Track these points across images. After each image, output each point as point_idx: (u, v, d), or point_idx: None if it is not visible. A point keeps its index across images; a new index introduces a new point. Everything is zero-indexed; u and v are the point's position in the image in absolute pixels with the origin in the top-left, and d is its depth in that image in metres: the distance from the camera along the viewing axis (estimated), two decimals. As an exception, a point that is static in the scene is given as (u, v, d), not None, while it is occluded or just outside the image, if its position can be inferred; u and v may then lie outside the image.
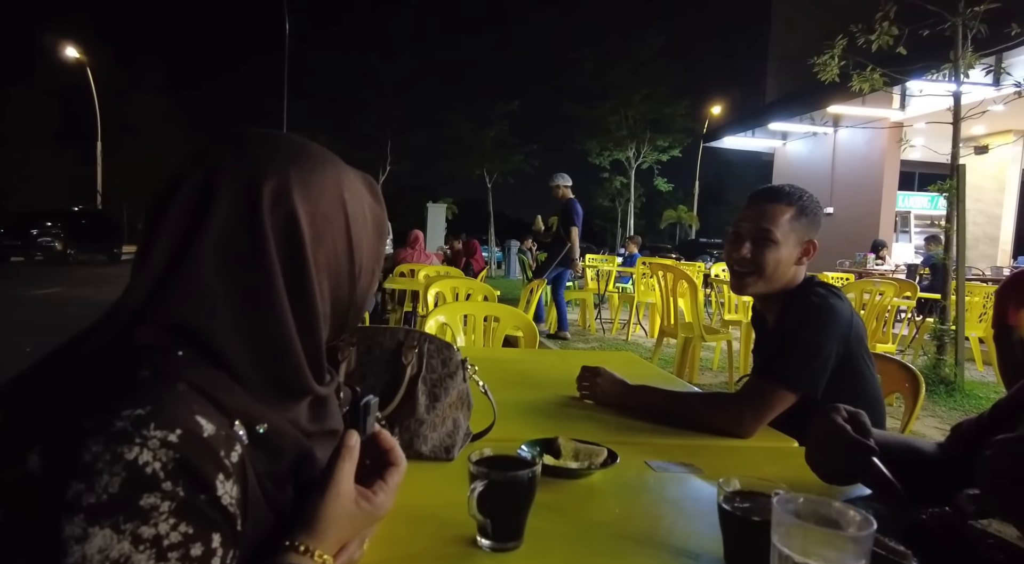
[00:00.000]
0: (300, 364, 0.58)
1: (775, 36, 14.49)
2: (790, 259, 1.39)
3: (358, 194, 0.63)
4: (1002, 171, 10.90)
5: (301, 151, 0.60)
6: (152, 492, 0.47)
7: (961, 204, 4.80)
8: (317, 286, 0.58)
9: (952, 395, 4.55)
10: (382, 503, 0.62)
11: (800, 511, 0.57)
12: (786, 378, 1.26)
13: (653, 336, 6.35)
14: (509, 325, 2.59)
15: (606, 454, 1.00)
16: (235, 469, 0.52)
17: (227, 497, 0.51)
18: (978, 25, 4.60)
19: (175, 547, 0.47)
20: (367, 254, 0.63)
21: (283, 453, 0.59)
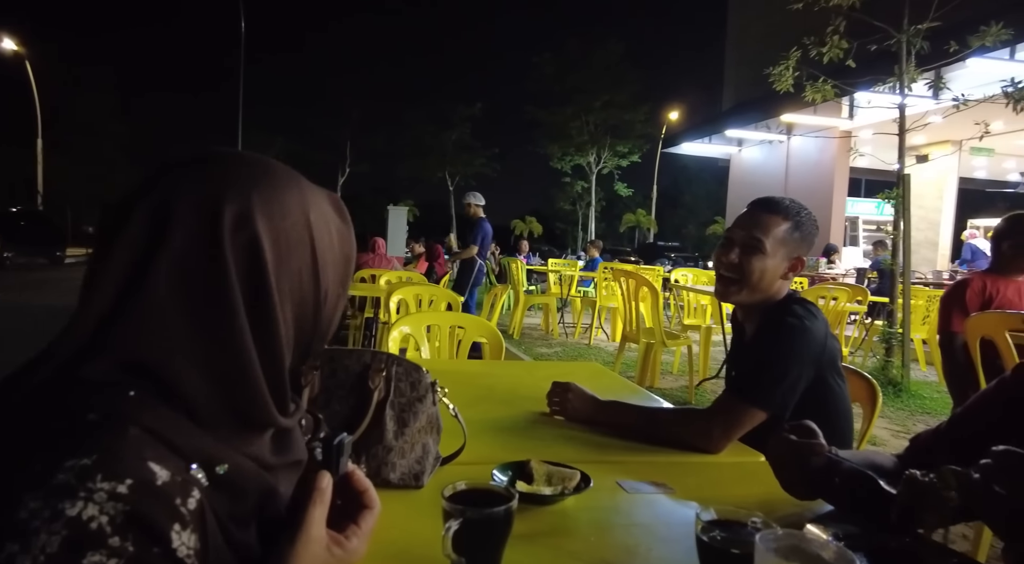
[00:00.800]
0: (263, 396, 0.55)
1: (731, 46, 14.88)
2: (776, 272, 1.40)
3: (324, 215, 0.59)
4: (942, 179, 11.44)
5: (264, 172, 0.57)
6: (97, 550, 0.43)
7: (906, 211, 5.01)
8: (280, 313, 0.54)
9: (899, 396, 4.73)
10: (355, 549, 0.59)
11: (780, 547, 0.57)
12: (756, 397, 1.27)
13: (615, 340, 6.41)
14: (474, 334, 2.56)
15: (579, 477, 0.99)
16: (192, 517, 0.49)
17: (184, 549, 0.48)
18: (921, 42, 4.82)
19: None
20: (333, 278, 0.60)
21: (246, 493, 0.55)
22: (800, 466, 0.88)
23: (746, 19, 13.66)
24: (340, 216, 0.63)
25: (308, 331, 0.59)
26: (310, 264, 0.57)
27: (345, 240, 0.62)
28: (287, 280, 0.55)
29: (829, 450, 0.88)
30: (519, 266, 7.70)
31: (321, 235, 0.58)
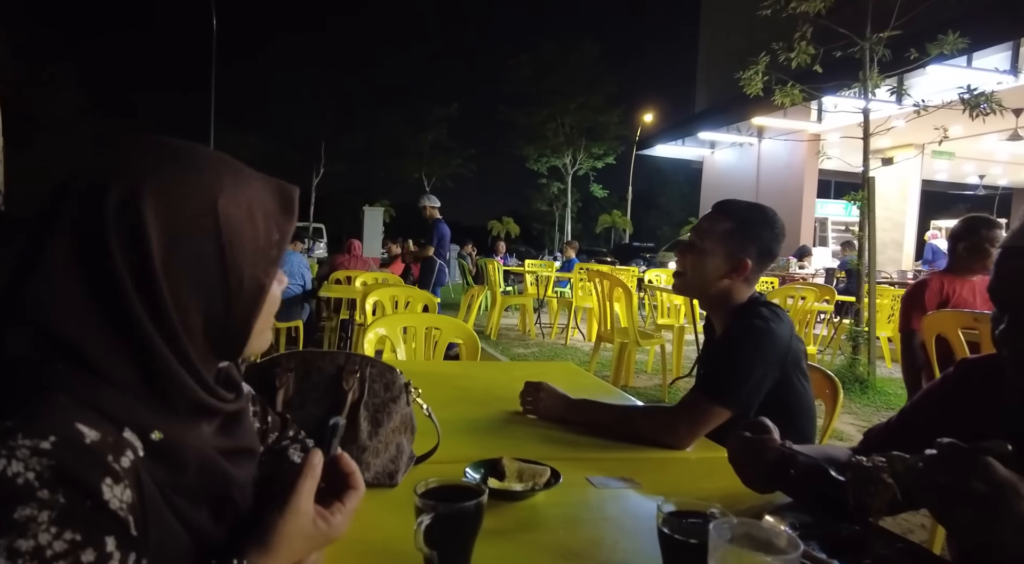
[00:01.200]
0: (177, 375, 0.55)
1: (703, 49, 15.12)
2: (715, 270, 1.44)
3: (247, 202, 0.59)
4: (905, 182, 11.79)
5: (167, 158, 0.57)
6: (27, 504, 0.45)
7: (871, 213, 5.16)
8: (170, 297, 0.54)
9: (866, 392, 4.87)
10: (339, 525, 0.63)
11: (734, 535, 0.61)
12: (721, 396, 1.32)
13: (591, 340, 6.48)
14: (450, 336, 2.58)
15: (549, 473, 1.02)
16: (126, 474, 0.50)
17: (116, 501, 0.49)
18: (882, 49, 4.98)
19: (61, 556, 0.45)
20: (251, 264, 0.59)
21: (185, 464, 0.56)
22: (756, 461, 0.93)
23: (717, 23, 13.89)
24: (283, 206, 0.62)
25: (220, 318, 0.58)
26: (214, 250, 0.56)
27: (280, 229, 0.62)
28: (181, 263, 0.55)
29: (783, 444, 0.92)
30: (496, 267, 7.72)
31: (234, 221, 0.57)
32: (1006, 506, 0.63)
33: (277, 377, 1.05)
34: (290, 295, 5.16)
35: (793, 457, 0.89)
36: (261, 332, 0.63)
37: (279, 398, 1.04)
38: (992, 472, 0.64)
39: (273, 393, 1.04)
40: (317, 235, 23.61)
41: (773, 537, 0.60)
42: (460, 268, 10.32)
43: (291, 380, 1.05)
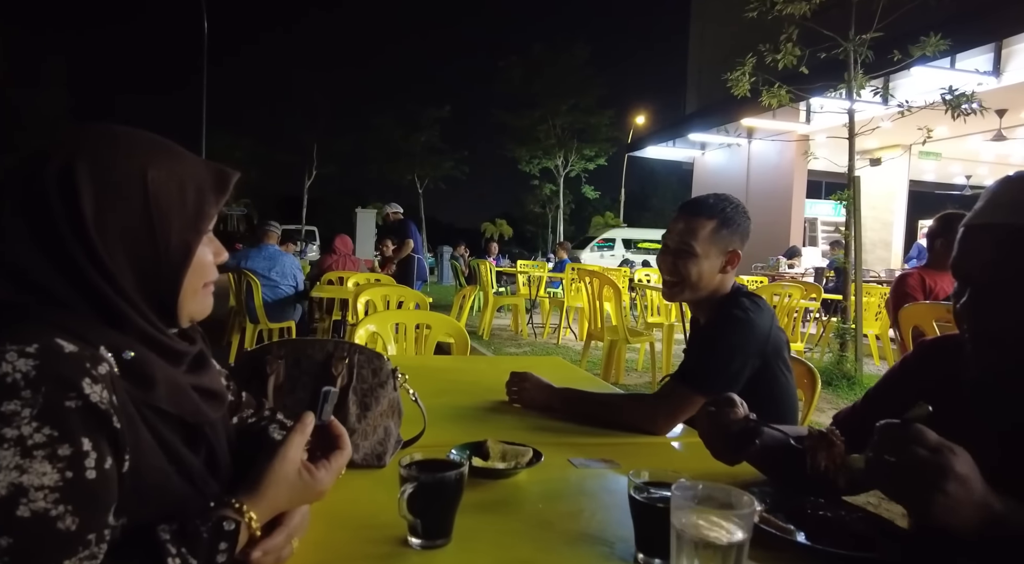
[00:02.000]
0: (120, 307, 0.64)
1: (693, 51, 15.22)
2: (713, 269, 1.48)
3: (179, 178, 0.68)
4: (893, 182, 11.91)
5: (110, 137, 0.67)
6: (12, 399, 0.53)
7: (857, 212, 5.24)
8: (102, 247, 0.63)
9: (853, 388, 4.94)
10: (322, 478, 0.70)
11: (698, 496, 0.65)
12: (699, 384, 1.35)
13: (583, 339, 6.52)
14: (441, 333, 2.61)
15: (531, 454, 1.06)
16: (103, 379, 0.58)
17: (96, 396, 0.56)
18: (866, 51, 5.06)
19: (40, 446, 0.53)
20: (179, 229, 0.67)
21: (154, 379, 0.64)
22: (721, 432, 0.97)
23: (706, 25, 14.00)
24: (216, 184, 0.71)
25: (150, 269, 0.66)
26: (142, 212, 0.65)
27: (210, 202, 0.71)
28: (112, 220, 0.64)
29: (747, 417, 0.97)
30: (488, 268, 7.76)
31: (162, 190, 0.66)
32: (948, 463, 0.67)
33: (268, 364, 1.09)
34: (282, 296, 5.18)
35: (756, 429, 0.93)
36: (195, 292, 0.71)
37: (270, 384, 1.08)
38: (926, 436, 0.69)
39: (264, 380, 1.08)
40: (310, 237, 23.56)
41: (733, 498, 0.64)
42: (453, 269, 10.35)
43: (281, 367, 1.09)
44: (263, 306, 4.97)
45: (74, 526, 0.54)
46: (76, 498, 0.54)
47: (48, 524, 0.52)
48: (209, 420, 0.72)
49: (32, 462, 0.52)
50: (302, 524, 0.72)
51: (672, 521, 0.63)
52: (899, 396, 1.04)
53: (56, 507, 0.53)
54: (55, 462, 0.53)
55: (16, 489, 0.52)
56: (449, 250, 15.27)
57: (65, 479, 0.54)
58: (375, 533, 0.80)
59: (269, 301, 5.05)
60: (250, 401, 0.93)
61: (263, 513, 0.66)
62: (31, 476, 0.52)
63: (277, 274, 5.13)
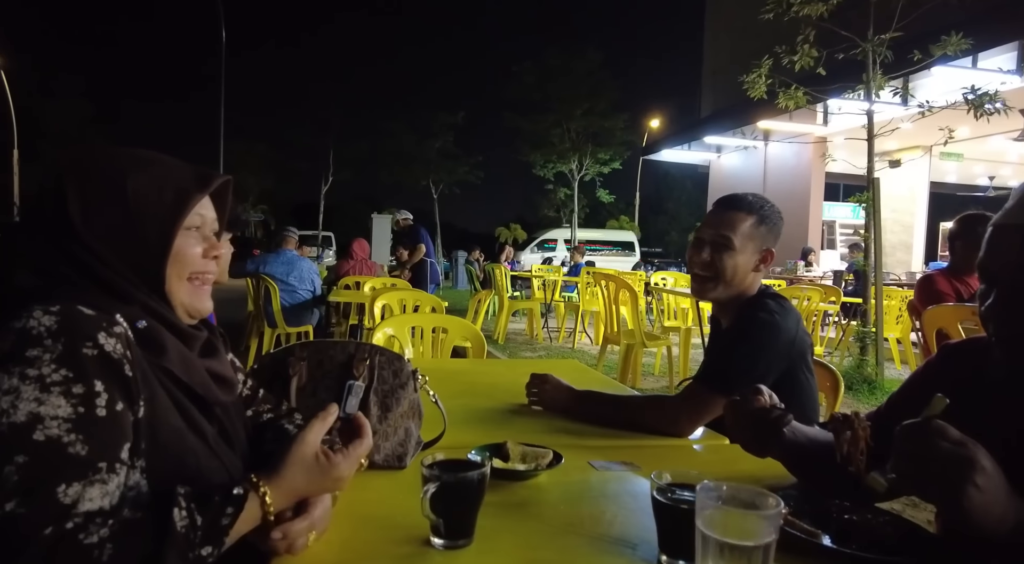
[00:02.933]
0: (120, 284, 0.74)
1: (708, 53, 15.15)
2: (747, 266, 1.46)
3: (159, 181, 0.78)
4: (914, 184, 11.74)
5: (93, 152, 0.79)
6: (36, 346, 0.63)
7: (877, 214, 5.17)
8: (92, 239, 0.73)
9: (874, 393, 4.87)
10: (338, 463, 0.72)
11: (722, 497, 0.64)
12: (722, 385, 1.33)
13: (599, 343, 6.50)
14: (457, 336, 2.62)
15: (552, 456, 1.06)
16: (118, 337, 0.67)
17: (110, 347, 0.66)
18: (885, 51, 5.00)
19: (57, 384, 0.62)
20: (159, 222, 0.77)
21: (165, 347, 0.73)
22: (748, 422, 0.96)
23: (721, 27, 13.93)
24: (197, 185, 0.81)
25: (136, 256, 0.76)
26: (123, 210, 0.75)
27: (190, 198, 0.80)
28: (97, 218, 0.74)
29: (773, 405, 0.96)
30: (503, 272, 7.77)
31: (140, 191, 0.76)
32: (972, 455, 0.66)
33: (290, 366, 1.10)
34: (300, 301, 5.23)
35: (784, 417, 0.93)
36: (180, 280, 0.79)
37: (292, 386, 1.09)
38: (948, 430, 0.68)
39: (287, 381, 1.09)
40: (326, 243, 23.77)
41: (758, 499, 0.64)
42: (467, 274, 10.37)
43: (303, 369, 1.10)
44: (281, 311, 5.02)
45: (83, 452, 0.61)
46: (86, 429, 0.62)
47: (60, 448, 0.61)
48: (220, 401, 0.79)
49: (49, 396, 0.61)
50: (323, 517, 0.73)
51: (697, 522, 0.62)
52: (922, 400, 1.02)
53: (68, 435, 0.61)
54: (69, 398, 0.62)
55: (33, 417, 0.60)
56: (464, 255, 15.31)
57: (77, 413, 0.62)
58: (398, 533, 0.81)
59: (287, 306, 5.10)
60: (267, 398, 0.97)
61: (279, 494, 0.68)
62: (47, 407, 0.61)
63: (295, 279, 5.18)
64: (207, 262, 0.82)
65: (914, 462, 0.69)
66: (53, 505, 0.58)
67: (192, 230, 0.81)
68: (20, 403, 0.60)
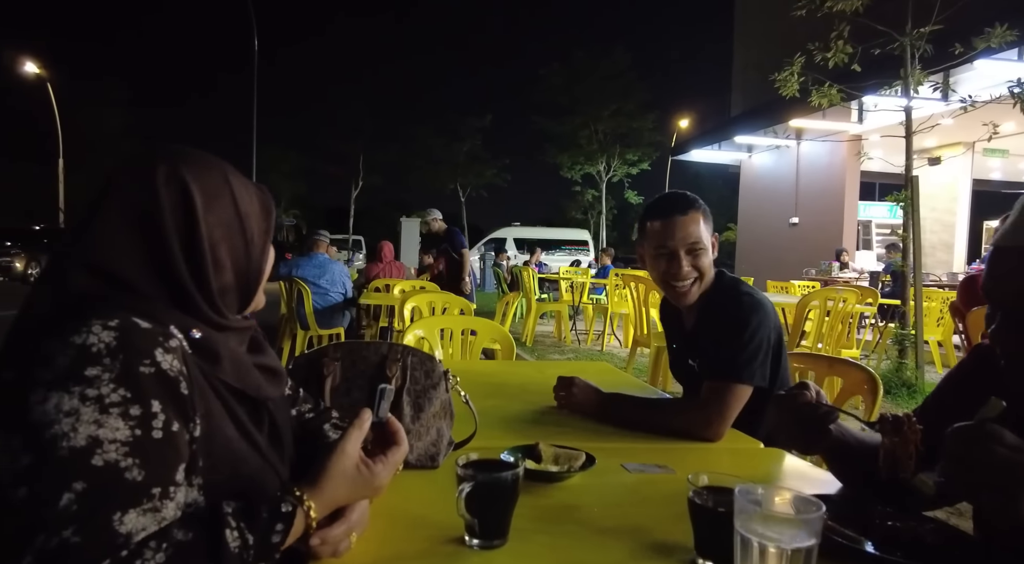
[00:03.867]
0: (192, 296, 0.71)
1: (738, 52, 14.93)
2: (711, 259, 1.51)
3: (243, 184, 0.77)
4: (954, 181, 11.36)
5: (188, 150, 0.75)
6: (95, 365, 0.61)
7: (915, 213, 5.02)
8: (208, 240, 0.71)
9: (914, 397, 4.72)
10: (379, 473, 0.72)
11: (760, 499, 0.63)
12: (740, 375, 1.35)
13: (627, 346, 6.44)
14: (486, 338, 2.63)
15: (584, 458, 1.05)
16: (174, 351, 0.65)
17: (167, 364, 0.64)
18: (924, 45, 4.85)
19: (116, 405, 0.60)
20: (257, 227, 0.77)
21: (219, 355, 0.72)
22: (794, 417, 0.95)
23: (752, 25, 13.71)
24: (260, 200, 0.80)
25: (243, 265, 0.75)
26: (233, 211, 0.74)
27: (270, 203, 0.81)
28: (216, 220, 0.72)
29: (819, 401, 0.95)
30: (531, 274, 7.76)
31: (241, 195, 0.76)
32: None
33: (324, 366, 1.12)
34: (331, 303, 5.31)
35: (831, 412, 0.91)
36: (262, 289, 0.80)
37: (327, 386, 1.11)
38: (1004, 434, 0.65)
39: (321, 381, 1.11)
40: (356, 246, 24.11)
41: (799, 503, 0.62)
42: (495, 276, 10.40)
43: (338, 369, 1.12)
44: (313, 313, 5.11)
45: (140, 477, 0.60)
46: (143, 453, 0.60)
47: (117, 473, 0.59)
48: (271, 396, 0.78)
49: (108, 418, 0.59)
50: (362, 519, 0.74)
51: (736, 526, 0.61)
52: (958, 402, 0.99)
53: (125, 459, 0.59)
54: (127, 420, 0.60)
55: (92, 441, 0.58)
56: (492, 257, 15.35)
57: (135, 435, 0.60)
58: (433, 532, 0.81)
59: (319, 308, 5.18)
60: (307, 398, 0.98)
61: (322, 505, 0.69)
62: (106, 430, 0.59)
63: (327, 282, 5.27)
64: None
65: (967, 466, 0.67)
66: (110, 534, 0.57)
67: None
68: (80, 426, 0.58)
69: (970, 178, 11.54)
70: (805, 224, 11.48)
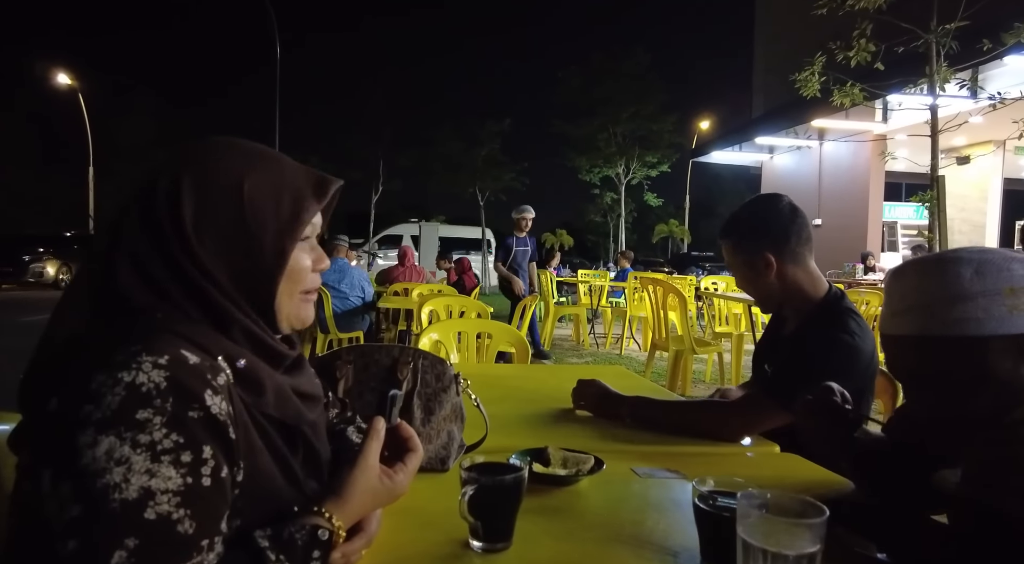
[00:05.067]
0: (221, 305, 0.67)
1: (759, 53, 14.78)
2: (762, 280, 1.46)
3: (274, 185, 0.71)
4: (984, 180, 11.09)
5: (211, 151, 0.71)
6: (146, 408, 0.57)
7: (942, 214, 4.92)
8: (201, 248, 0.67)
9: (941, 402, 4.61)
10: (401, 481, 0.73)
11: (765, 504, 0.63)
12: (787, 402, 1.28)
13: (646, 350, 6.40)
14: (502, 341, 2.63)
15: (593, 462, 1.05)
16: (222, 389, 0.62)
17: (216, 407, 0.61)
18: (950, 42, 4.75)
19: (167, 452, 0.57)
20: (274, 232, 0.70)
21: (263, 386, 0.69)
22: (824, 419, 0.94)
23: (773, 25, 13.56)
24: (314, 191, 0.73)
25: (246, 269, 0.69)
26: (238, 218, 0.68)
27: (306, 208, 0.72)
28: (210, 225, 0.67)
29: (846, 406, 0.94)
30: (549, 277, 7.76)
31: (257, 198, 0.69)
32: None
33: (337, 369, 1.14)
34: (351, 307, 5.37)
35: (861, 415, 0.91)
36: (291, 297, 0.73)
37: (340, 388, 1.12)
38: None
39: (334, 384, 1.13)
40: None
41: (803, 508, 0.62)
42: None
43: (350, 371, 1.13)
44: (333, 317, 5.17)
45: (191, 530, 0.57)
46: (194, 503, 0.57)
47: (170, 527, 0.56)
48: (308, 421, 0.75)
49: (160, 466, 0.56)
50: (377, 529, 0.74)
51: (738, 530, 0.61)
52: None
53: (177, 510, 0.56)
54: (179, 467, 0.57)
55: (145, 492, 0.55)
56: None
57: (186, 484, 0.57)
58: (438, 535, 0.82)
59: (339, 312, 5.24)
60: (335, 401, 0.98)
61: (347, 520, 0.68)
62: (159, 480, 0.56)
63: (347, 286, 5.33)
64: (315, 277, 0.76)
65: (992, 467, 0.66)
66: None
67: (305, 241, 0.74)
68: (132, 476, 0.55)
69: (1001, 177, 11.25)
70: (828, 226, 11.29)
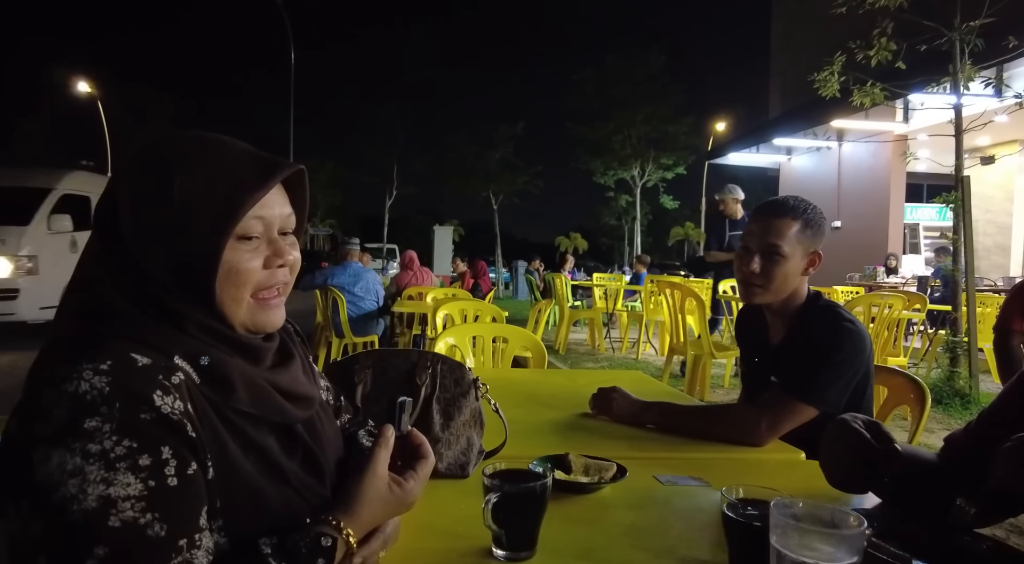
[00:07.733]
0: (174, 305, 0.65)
1: (776, 53, 14.64)
2: (796, 271, 1.44)
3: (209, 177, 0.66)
4: (1010, 180, 10.86)
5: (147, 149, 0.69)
6: (93, 416, 0.56)
7: (967, 215, 4.81)
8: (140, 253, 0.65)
9: (968, 407, 4.50)
10: (412, 489, 0.70)
11: (798, 514, 0.61)
12: (812, 395, 1.30)
13: (663, 354, 6.34)
14: (518, 346, 2.62)
15: (615, 469, 1.03)
16: (176, 388, 0.60)
17: (168, 407, 0.59)
18: (974, 39, 4.66)
19: (122, 458, 0.56)
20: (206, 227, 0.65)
21: (233, 384, 0.65)
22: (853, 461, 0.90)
23: (790, 25, 13.43)
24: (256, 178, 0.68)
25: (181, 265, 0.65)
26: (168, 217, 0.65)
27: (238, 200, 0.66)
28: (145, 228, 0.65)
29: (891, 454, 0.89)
30: (564, 281, 7.73)
31: (188, 193, 0.65)
32: None
33: (356, 374, 1.13)
34: (365, 311, 5.39)
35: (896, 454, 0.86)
36: (236, 301, 0.67)
37: (358, 393, 1.12)
38: None
39: (353, 389, 1.12)
40: (391, 255, 24.48)
41: (838, 518, 0.60)
42: (528, 283, 10.40)
43: (369, 376, 1.13)
44: (348, 321, 5.19)
45: (163, 532, 0.55)
46: (161, 505, 0.56)
47: (138, 532, 0.54)
48: (298, 419, 0.72)
49: (116, 474, 0.55)
50: (395, 532, 0.73)
51: (771, 541, 0.59)
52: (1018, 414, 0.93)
53: (144, 515, 0.55)
54: (137, 473, 0.56)
55: (105, 501, 0.54)
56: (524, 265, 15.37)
57: (149, 488, 0.56)
58: (461, 543, 0.80)
59: (353, 316, 5.26)
60: (347, 407, 0.96)
61: (359, 529, 0.66)
62: (117, 488, 0.55)
63: (361, 290, 5.35)
64: (272, 274, 0.69)
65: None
66: None
67: (250, 240, 0.67)
68: (88, 486, 0.54)
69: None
70: (848, 228, 11.12)
